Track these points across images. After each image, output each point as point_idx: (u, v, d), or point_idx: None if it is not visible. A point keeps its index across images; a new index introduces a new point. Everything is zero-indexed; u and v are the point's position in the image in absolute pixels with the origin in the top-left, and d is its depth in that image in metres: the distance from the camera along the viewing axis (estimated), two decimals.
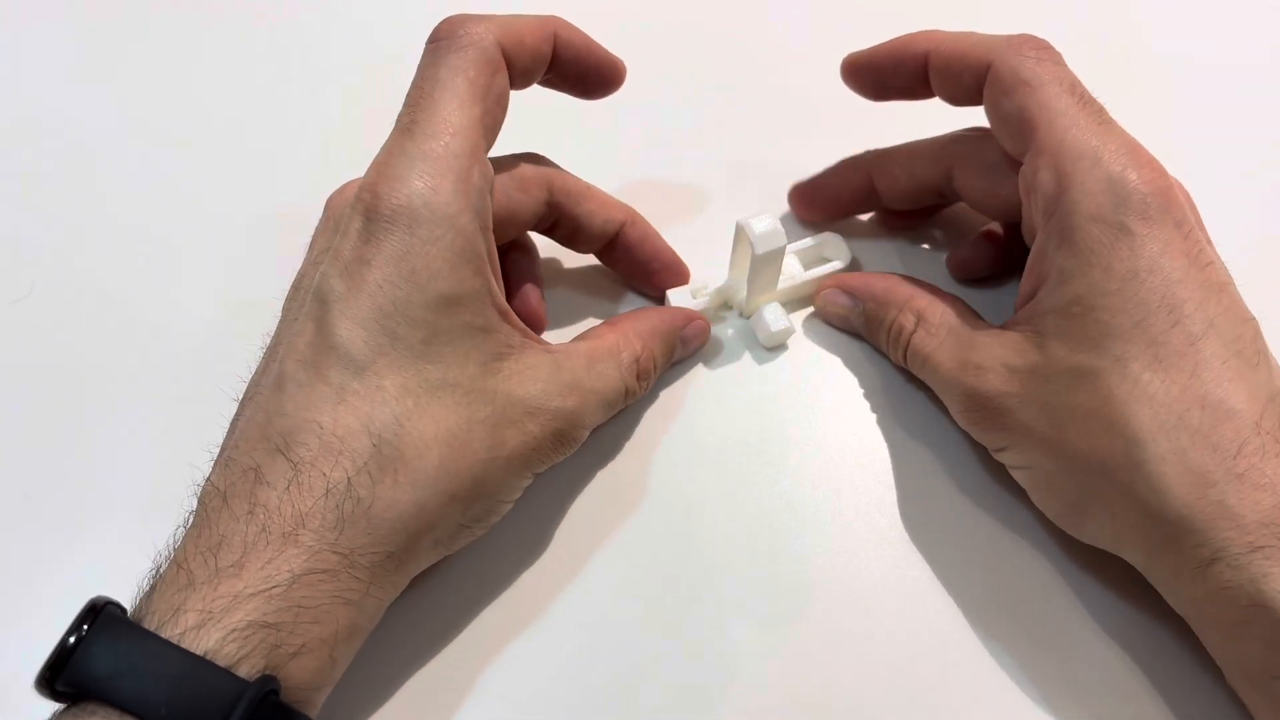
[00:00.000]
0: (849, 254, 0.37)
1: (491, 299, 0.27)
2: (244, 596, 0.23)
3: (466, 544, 0.28)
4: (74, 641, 0.22)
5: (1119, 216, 0.27)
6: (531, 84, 0.31)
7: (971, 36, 0.31)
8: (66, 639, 0.22)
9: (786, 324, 0.35)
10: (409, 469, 0.25)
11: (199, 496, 0.26)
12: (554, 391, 0.28)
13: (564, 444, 0.29)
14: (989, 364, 0.29)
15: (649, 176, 0.41)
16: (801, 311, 0.37)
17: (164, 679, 0.21)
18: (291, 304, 0.30)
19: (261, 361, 0.29)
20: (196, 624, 0.22)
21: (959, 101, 0.32)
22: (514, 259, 0.34)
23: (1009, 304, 0.32)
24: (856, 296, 0.35)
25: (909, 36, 0.32)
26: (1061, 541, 0.31)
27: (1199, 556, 0.25)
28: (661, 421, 0.34)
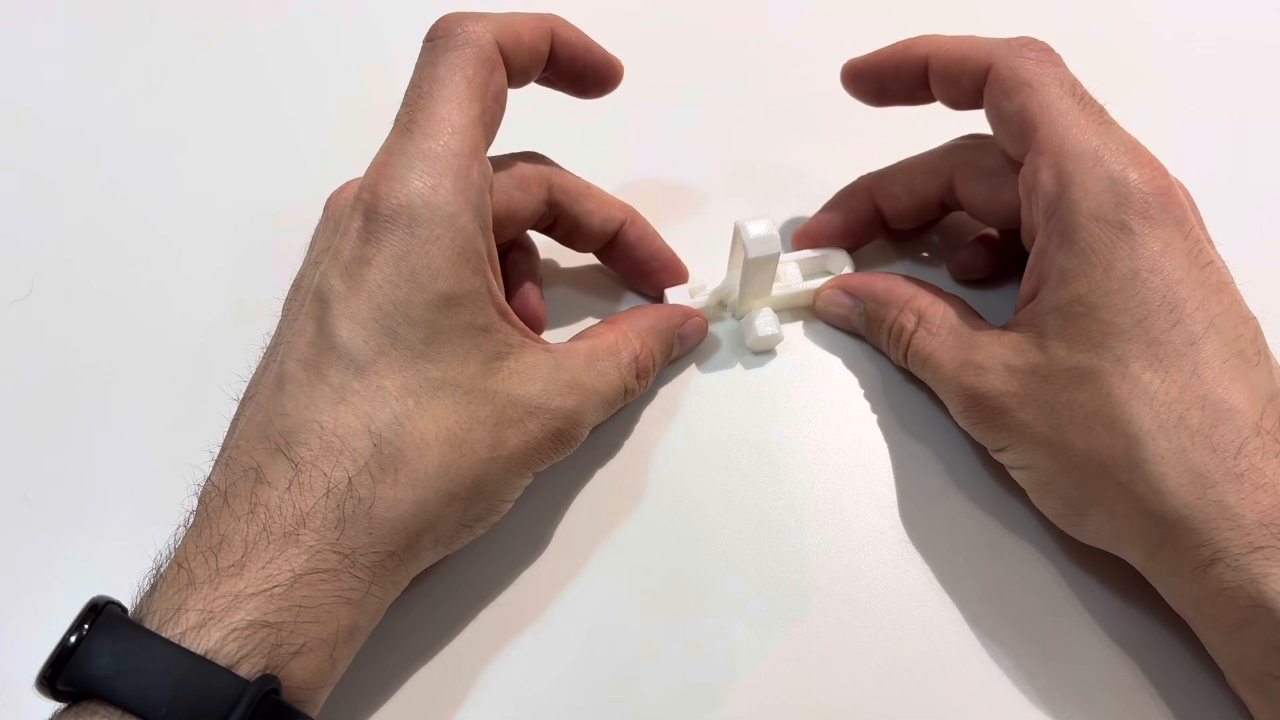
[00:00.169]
0: (852, 269, 0.36)
1: (491, 298, 0.27)
2: (245, 596, 0.23)
3: (467, 543, 0.28)
4: (75, 641, 0.22)
5: (1120, 216, 0.27)
6: (529, 82, 0.31)
7: (972, 40, 0.31)
8: (67, 638, 0.22)
9: (775, 331, 0.34)
10: (410, 468, 0.25)
11: (199, 496, 0.26)
12: (554, 390, 0.28)
13: (564, 443, 0.29)
14: (989, 364, 0.29)
15: (649, 176, 0.41)
16: (794, 323, 0.36)
17: (165, 678, 0.21)
18: (291, 304, 0.30)
19: (261, 361, 0.29)
20: (197, 623, 0.22)
21: (959, 105, 0.32)
22: (514, 258, 0.34)
23: (1009, 304, 0.32)
24: (857, 296, 0.34)
25: (909, 41, 0.32)
26: (1061, 541, 0.31)
27: (1199, 556, 0.25)
28: (661, 421, 0.34)
